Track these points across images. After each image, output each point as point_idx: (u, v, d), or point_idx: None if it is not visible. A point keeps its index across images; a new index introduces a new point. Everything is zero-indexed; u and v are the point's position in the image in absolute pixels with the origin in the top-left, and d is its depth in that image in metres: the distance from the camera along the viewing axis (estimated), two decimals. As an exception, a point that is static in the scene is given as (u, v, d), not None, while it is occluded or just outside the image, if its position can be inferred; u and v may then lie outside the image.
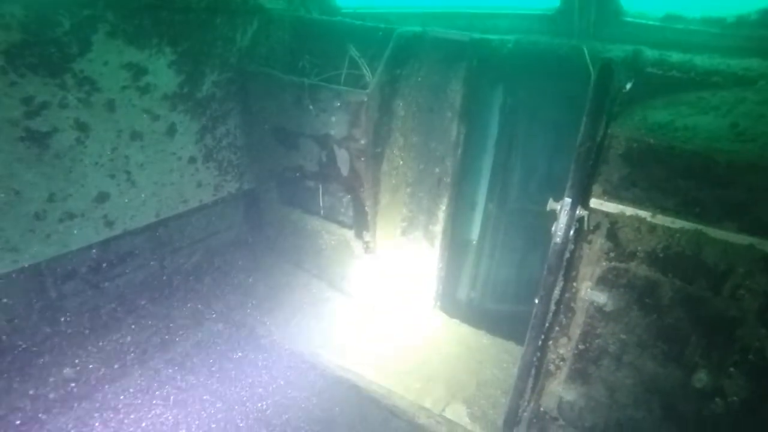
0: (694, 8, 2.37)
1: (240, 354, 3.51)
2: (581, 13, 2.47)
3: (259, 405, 3.24)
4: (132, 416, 2.32)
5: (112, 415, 2.29)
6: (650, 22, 2.39)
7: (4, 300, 2.39)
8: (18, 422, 2.15)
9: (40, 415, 2.19)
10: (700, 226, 1.46)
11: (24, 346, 2.52)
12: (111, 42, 2.20)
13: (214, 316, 2.97)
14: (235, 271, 3.25)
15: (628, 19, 2.43)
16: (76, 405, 2.28)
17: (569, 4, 2.47)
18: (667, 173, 1.47)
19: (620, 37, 2.40)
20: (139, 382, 2.58)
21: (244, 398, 3.22)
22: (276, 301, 2.97)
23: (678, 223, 1.48)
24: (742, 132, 1.50)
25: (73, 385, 2.38)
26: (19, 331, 2.51)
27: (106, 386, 2.44)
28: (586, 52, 2.23)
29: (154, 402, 2.44)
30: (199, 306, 2.95)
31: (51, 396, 2.30)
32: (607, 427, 1.82)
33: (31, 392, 2.28)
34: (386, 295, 2.92)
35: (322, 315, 2.86)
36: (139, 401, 2.40)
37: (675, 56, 1.97)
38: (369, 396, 2.38)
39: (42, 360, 2.47)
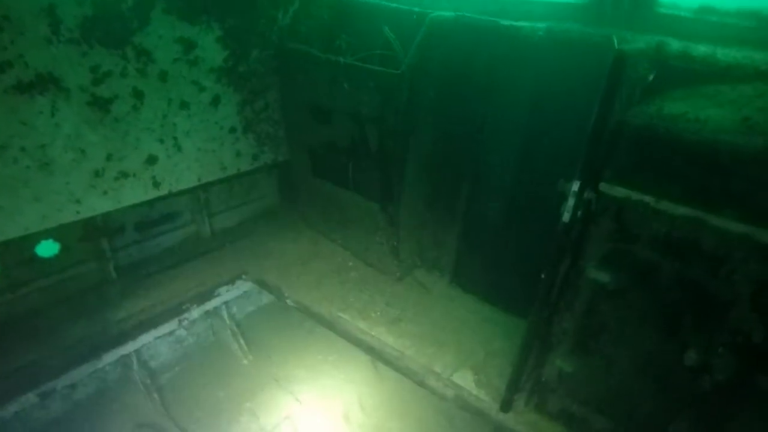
0: (730, 0, 2.37)
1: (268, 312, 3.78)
2: (614, 2, 2.50)
3: (277, 358, 3.50)
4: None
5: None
6: (683, 14, 2.40)
7: (71, 248, 2.68)
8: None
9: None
10: (701, 213, 1.54)
11: (83, 290, 2.82)
12: (166, 18, 2.39)
13: (245, 277, 3.21)
14: (267, 237, 3.48)
15: (661, 9, 2.44)
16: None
17: (603, -6, 2.50)
18: (673, 162, 1.56)
19: (652, 28, 2.41)
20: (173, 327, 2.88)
21: (269, 354, 3.49)
22: (304, 267, 3.19)
23: (680, 210, 1.57)
24: (752, 126, 1.56)
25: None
26: (77, 278, 2.81)
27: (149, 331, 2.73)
28: (615, 41, 2.28)
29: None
30: (234, 267, 3.20)
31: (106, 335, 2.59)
32: (603, 398, 1.95)
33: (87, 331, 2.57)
34: (406, 266, 3.08)
35: (344, 282, 3.06)
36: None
37: (698, 49, 2.01)
38: (384, 357, 2.57)
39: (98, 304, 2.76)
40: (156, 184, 2.75)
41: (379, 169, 2.71)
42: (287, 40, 2.88)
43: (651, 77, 2.00)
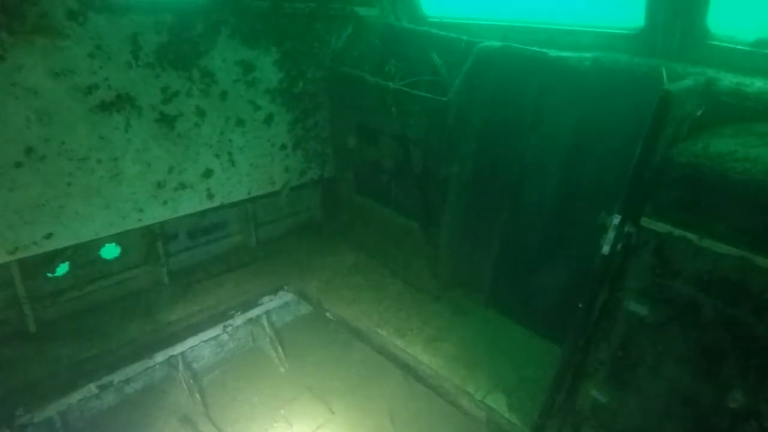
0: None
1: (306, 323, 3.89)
2: (665, 34, 2.49)
3: (313, 368, 3.59)
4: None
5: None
6: (738, 47, 2.37)
7: (130, 252, 2.89)
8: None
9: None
10: (747, 254, 1.53)
11: (139, 291, 3.03)
12: (230, 42, 2.58)
13: (287, 288, 3.34)
14: (309, 250, 3.61)
15: (715, 42, 2.42)
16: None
17: (653, 25, 2.50)
18: (718, 200, 1.56)
19: (704, 60, 2.39)
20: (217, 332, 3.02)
21: (305, 364, 3.59)
22: (343, 281, 3.29)
23: (725, 249, 1.56)
24: (806, 167, 1.55)
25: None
26: (134, 280, 3.02)
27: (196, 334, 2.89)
28: (664, 73, 2.28)
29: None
30: (276, 277, 3.34)
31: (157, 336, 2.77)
32: (638, 433, 1.93)
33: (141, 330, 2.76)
34: (443, 286, 3.13)
35: (383, 298, 3.13)
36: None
37: (753, 86, 1.99)
38: (418, 375, 2.62)
39: (152, 306, 2.95)
40: (210, 196, 2.93)
41: (422, 191, 2.79)
42: (339, 63, 3.03)
43: (699, 113, 2.00)
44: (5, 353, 2.37)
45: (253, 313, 3.29)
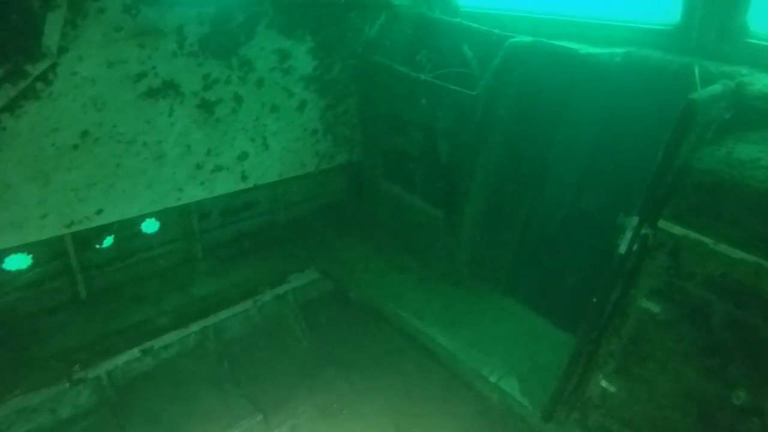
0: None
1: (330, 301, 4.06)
2: (701, 30, 2.46)
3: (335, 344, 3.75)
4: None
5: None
6: (779, 45, 2.33)
7: (168, 228, 3.08)
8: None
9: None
10: (761, 260, 1.58)
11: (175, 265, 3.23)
12: (268, 32, 2.67)
13: (312, 266, 3.50)
14: (335, 232, 3.75)
15: (753, 40, 2.38)
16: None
17: (689, 21, 2.48)
18: (735, 207, 1.60)
19: (741, 59, 2.35)
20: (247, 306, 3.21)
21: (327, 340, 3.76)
22: (367, 262, 3.42)
23: (740, 254, 1.61)
24: (828, 177, 1.58)
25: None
26: (171, 254, 3.22)
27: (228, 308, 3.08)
28: (696, 72, 2.28)
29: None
30: (303, 256, 3.49)
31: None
32: (644, 423, 2.02)
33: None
34: (463, 272, 3.23)
35: (404, 281, 3.26)
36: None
37: (784, 91, 1.99)
38: (435, 356, 2.75)
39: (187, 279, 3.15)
40: (244, 178, 3.07)
41: (447, 180, 2.88)
42: (371, 52, 3.09)
43: (727, 116, 2.01)
44: (62, 316, 2.61)
45: (280, 289, 3.47)
